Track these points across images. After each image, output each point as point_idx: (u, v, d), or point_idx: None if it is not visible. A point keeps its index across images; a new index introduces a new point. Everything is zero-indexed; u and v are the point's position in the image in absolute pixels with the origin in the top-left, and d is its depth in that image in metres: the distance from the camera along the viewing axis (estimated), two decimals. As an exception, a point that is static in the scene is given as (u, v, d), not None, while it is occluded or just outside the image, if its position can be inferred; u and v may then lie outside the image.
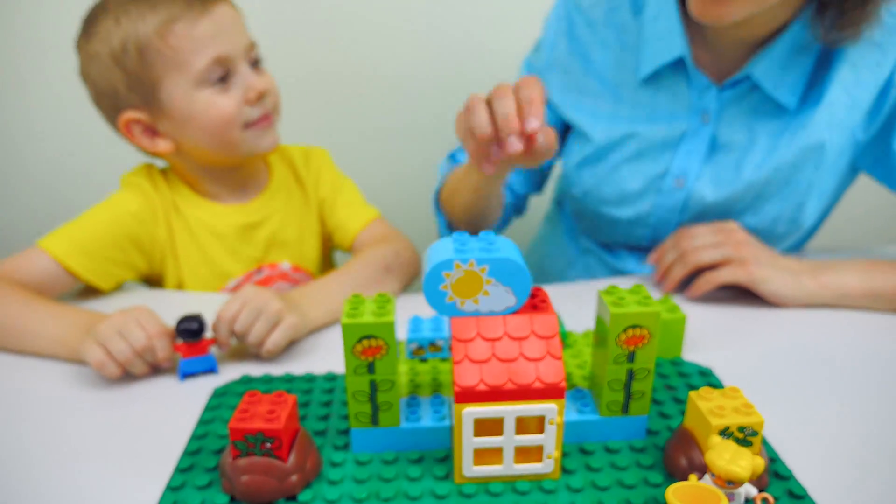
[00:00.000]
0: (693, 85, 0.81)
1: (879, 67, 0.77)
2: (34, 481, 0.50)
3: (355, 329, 0.47)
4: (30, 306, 0.67)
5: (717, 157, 0.83)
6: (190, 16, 0.73)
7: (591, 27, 0.86)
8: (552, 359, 0.46)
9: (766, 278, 0.74)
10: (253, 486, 0.46)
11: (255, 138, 0.81)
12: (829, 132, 0.79)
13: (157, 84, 0.76)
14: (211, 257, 0.86)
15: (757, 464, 0.42)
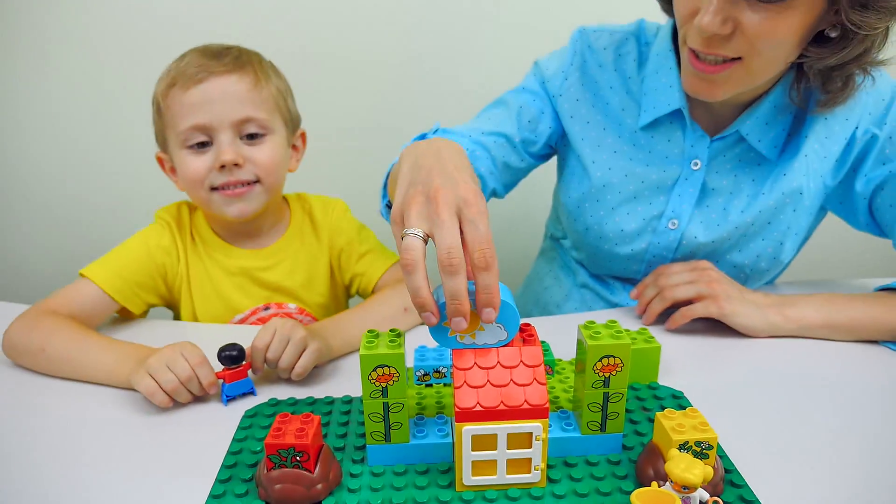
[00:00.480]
0: (687, 135, 0.89)
1: (847, 122, 0.85)
2: (92, 491, 0.58)
3: (372, 359, 0.56)
4: (85, 341, 0.76)
5: (708, 200, 0.91)
6: (185, 84, 0.84)
7: (601, 68, 0.93)
8: (538, 384, 0.54)
9: (736, 312, 0.82)
10: (285, 493, 0.55)
11: (222, 203, 0.88)
12: (805, 179, 0.87)
13: (166, 135, 0.89)
14: (222, 292, 0.95)
15: (707, 472, 0.50)
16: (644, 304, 0.88)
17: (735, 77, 0.77)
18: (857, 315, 0.82)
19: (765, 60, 0.76)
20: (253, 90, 0.87)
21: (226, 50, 0.88)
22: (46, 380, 0.76)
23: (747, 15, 0.71)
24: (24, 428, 0.67)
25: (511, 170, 0.95)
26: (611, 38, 0.93)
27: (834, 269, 1.45)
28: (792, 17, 0.71)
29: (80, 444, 0.65)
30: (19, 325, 0.79)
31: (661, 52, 0.89)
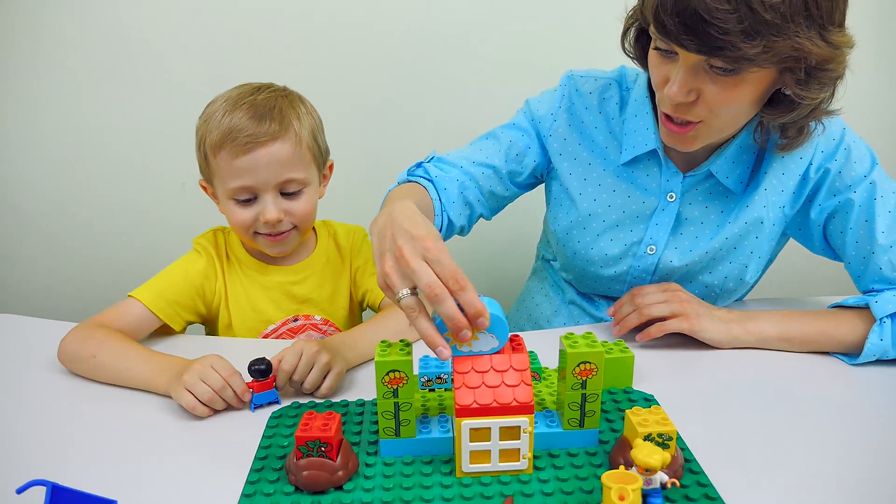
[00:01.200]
0: (663, 171, 0.99)
1: (801, 161, 0.96)
2: (144, 481, 0.68)
3: (385, 365, 0.66)
4: (130, 351, 0.87)
5: (682, 228, 1.01)
6: (234, 151, 0.93)
7: (587, 110, 1.03)
8: (525, 385, 0.65)
9: (704, 328, 0.93)
10: (312, 478, 0.64)
11: (265, 245, 1.02)
12: (765, 210, 0.97)
13: (213, 177, 0.99)
14: (256, 305, 1.06)
15: (665, 458, 0.60)
16: (619, 320, 0.97)
17: (702, 134, 0.88)
18: (809, 329, 0.92)
19: (723, 121, 0.86)
20: (293, 153, 0.96)
21: (268, 108, 0.95)
22: (97, 388, 0.86)
23: (708, 86, 0.81)
24: (83, 429, 0.78)
25: (497, 197, 1.06)
26: (595, 83, 1.04)
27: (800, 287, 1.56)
28: (745, 87, 0.80)
29: (129, 442, 0.75)
30: (74, 336, 0.89)
31: (638, 98, 1.00)
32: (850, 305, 0.94)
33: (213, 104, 0.99)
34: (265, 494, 0.65)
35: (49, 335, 0.97)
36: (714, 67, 0.79)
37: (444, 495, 0.64)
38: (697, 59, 0.79)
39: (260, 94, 0.98)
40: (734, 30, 0.73)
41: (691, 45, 0.76)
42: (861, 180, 0.94)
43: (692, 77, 0.81)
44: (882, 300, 0.90)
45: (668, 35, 0.78)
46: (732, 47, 0.74)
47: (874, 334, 0.89)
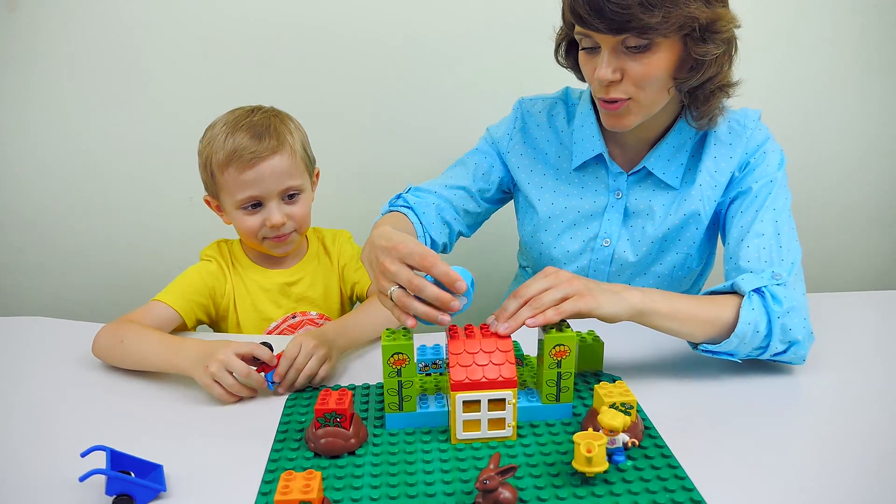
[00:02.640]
0: (609, 172, 1.14)
1: (731, 160, 1.08)
2: (184, 448, 0.79)
3: (391, 348, 0.78)
4: (152, 336, 0.98)
5: (631, 221, 1.14)
6: (240, 167, 1.07)
7: (538, 127, 1.19)
8: (509, 364, 0.77)
9: (600, 304, 0.85)
10: (328, 445, 0.76)
11: (271, 247, 1.15)
12: (701, 204, 1.10)
13: (219, 193, 1.12)
14: (258, 306, 1.18)
15: (626, 421, 0.72)
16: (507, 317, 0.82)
17: (633, 109, 1.01)
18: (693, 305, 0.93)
19: (648, 95, 0.99)
20: (291, 164, 1.11)
21: (265, 127, 1.09)
22: (129, 379, 0.97)
23: (628, 64, 0.96)
24: (124, 409, 0.89)
25: (471, 214, 1.19)
26: (543, 103, 1.20)
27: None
28: (659, 58, 0.95)
29: (166, 419, 0.86)
30: (106, 329, 1.01)
31: (584, 111, 1.15)
32: (719, 290, 0.98)
33: (212, 128, 1.12)
34: (289, 459, 0.76)
35: (79, 335, 1.08)
36: (629, 48, 0.94)
37: (441, 458, 0.76)
38: (614, 41, 0.94)
39: (255, 116, 1.12)
40: (633, 4, 0.89)
41: (603, 26, 0.92)
42: (764, 175, 1.05)
43: (614, 58, 0.96)
44: (745, 278, 0.95)
45: (584, 23, 0.94)
46: (636, 19, 0.90)
47: (745, 304, 0.92)
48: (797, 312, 0.94)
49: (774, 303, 0.93)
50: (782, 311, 0.92)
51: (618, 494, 0.69)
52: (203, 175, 1.14)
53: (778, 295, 0.93)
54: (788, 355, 0.94)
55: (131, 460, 0.72)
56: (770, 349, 0.93)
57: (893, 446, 0.79)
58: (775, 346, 0.93)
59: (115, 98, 1.62)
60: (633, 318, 0.90)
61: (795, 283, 0.97)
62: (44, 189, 1.69)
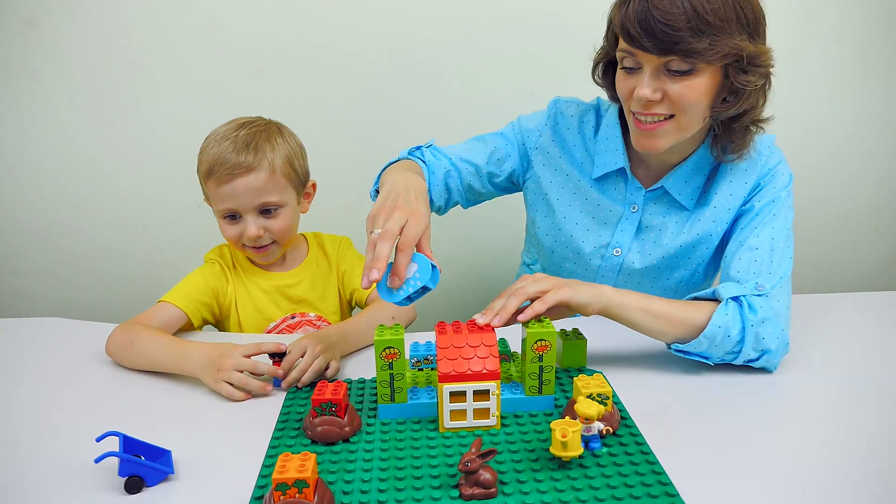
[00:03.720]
0: (629, 186, 1.17)
1: (746, 185, 1.11)
2: (190, 437, 0.85)
3: (383, 343, 0.83)
4: (161, 338, 1.04)
5: (643, 235, 1.18)
6: (218, 181, 1.13)
7: (569, 130, 1.22)
8: (493, 357, 0.82)
9: (577, 293, 0.95)
10: (324, 433, 0.81)
11: (252, 255, 1.22)
12: (713, 225, 1.13)
13: (209, 199, 1.19)
14: (258, 306, 1.24)
15: (601, 410, 0.77)
16: (495, 312, 0.91)
17: (670, 131, 1.04)
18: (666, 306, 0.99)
19: (689, 117, 1.02)
20: (267, 181, 1.14)
21: (246, 144, 1.13)
22: (141, 375, 1.03)
23: (669, 86, 0.99)
24: (135, 401, 0.95)
25: (474, 192, 1.24)
26: (577, 108, 1.22)
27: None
28: (700, 83, 0.99)
29: (174, 411, 0.92)
30: (117, 331, 1.07)
31: (610, 124, 1.18)
32: (702, 297, 1.03)
33: (208, 137, 1.18)
34: (288, 445, 0.82)
35: (92, 334, 1.15)
36: (671, 71, 0.97)
37: (429, 444, 0.81)
38: (658, 62, 0.97)
39: (242, 130, 1.16)
40: (683, 27, 0.93)
41: (651, 45, 0.95)
42: (769, 194, 1.09)
43: (656, 79, 0.99)
44: (727, 286, 1.01)
45: (633, 41, 0.97)
46: (684, 42, 0.94)
47: (720, 309, 0.97)
48: (772, 323, 0.98)
49: (750, 311, 0.98)
50: (756, 320, 0.97)
51: (592, 477, 0.74)
52: (199, 180, 1.20)
53: (755, 304, 0.98)
54: (761, 362, 0.99)
55: (142, 445, 0.78)
56: (742, 355, 0.98)
57: (868, 441, 0.83)
58: (748, 352, 0.98)
59: (126, 107, 1.70)
60: (605, 310, 0.97)
61: (779, 295, 1.01)
62: (58, 197, 1.77)
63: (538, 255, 1.30)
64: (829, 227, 1.92)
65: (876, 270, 1.98)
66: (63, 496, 0.74)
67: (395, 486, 0.73)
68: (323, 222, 1.40)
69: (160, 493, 0.74)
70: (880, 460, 0.79)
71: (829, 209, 1.89)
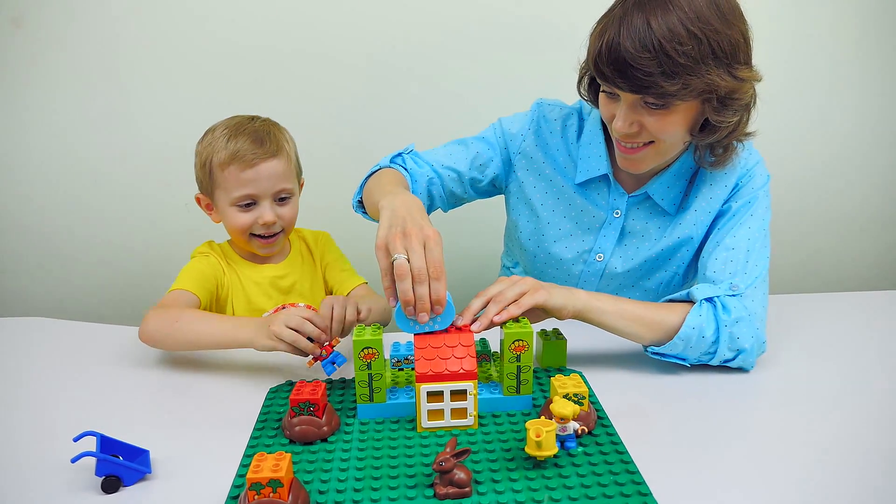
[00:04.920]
0: (611, 191, 1.17)
1: (725, 188, 1.11)
2: (170, 436, 0.85)
3: (361, 343, 0.84)
4: (207, 314, 1.07)
5: (625, 240, 1.18)
6: (241, 166, 1.15)
7: (551, 134, 1.19)
8: (470, 357, 0.83)
9: (552, 296, 0.95)
10: (302, 432, 0.82)
11: (256, 245, 1.22)
12: (694, 228, 1.13)
13: (214, 190, 1.19)
14: (251, 298, 1.25)
15: (576, 409, 0.78)
16: (473, 314, 0.91)
17: (650, 155, 1.05)
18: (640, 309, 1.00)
19: (667, 144, 1.03)
20: (286, 168, 1.19)
21: (266, 133, 1.18)
22: (118, 376, 1.04)
23: (646, 118, 0.99)
24: (114, 401, 0.96)
25: (455, 197, 1.24)
26: (560, 112, 1.22)
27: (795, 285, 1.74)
28: (676, 116, 0.98)
29: (154, 410, 0.93)
30: (155, 314, 1.06)
31: (593, 129, 1.17)
32: (678, 299, 1.04)
33: (213, 131, 1.20)
34: (266, 445, 0.82)
35: (76, 334, 1.15)
36: (648, 103, 0.97)
37: (406, 444, 0.82)
38: (633, 97, 0.97)
39: (254, 123, 1.21)
40: (656, 72, 0.92)
41: (624, 86, 0.95)
42: (745, 195, 1.09)
43: (632, 112, 0.99)
44: (701, 287, 1.01)
45: (606, 79, 0.97)
46: (656, 86, 0.93)
47: (694, 310, 0.98)
48: (747, 322, 0.99)
49: (724, 312, 0.98)
50: (730, 320, 0.97)
51: (566, 477, 0.74)
52: (199, 173, 1.21)
53: (728, 305, 0.99)
54: (737, 362, 1.00)
55: (120, 445, 0.78)
56: (718, 355, 0.99)
57: (846, 439, 0.84)
58: (723, 352, 0.98)
59: (114, 105, 1.70)
60: (579, 314, 0.97)
61: (753, 294, 1.02)
62: (44, 195, 1.77)
63: (520, 257, 1.31)
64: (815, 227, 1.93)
65: (861, 270, 2.00)
66: (39, 496, 0.74)
67: (370, 485, 0.74)
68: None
69: (137, 493, 0.75)
70: (857, 458, 0.80)
71: (815, 210, 1.90)
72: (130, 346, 1.12)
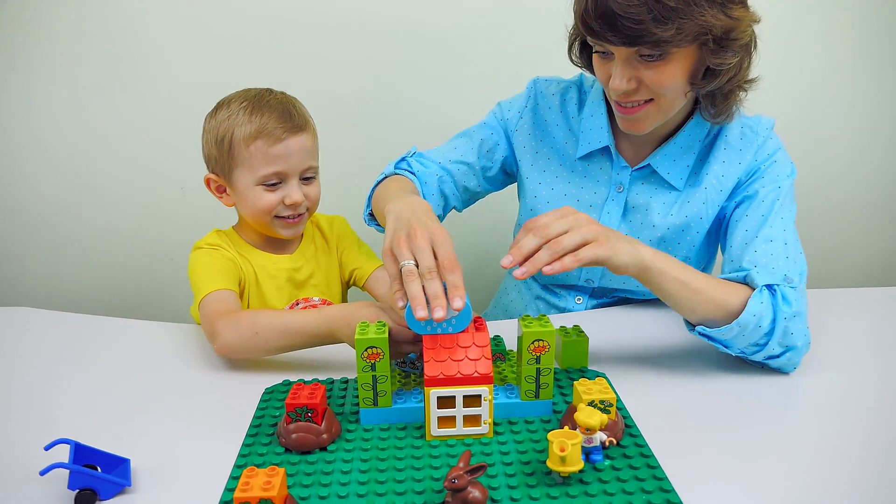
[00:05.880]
0: (614, 165, 1.12)
1: (739, 165, 1.06)
2: (154, 442, 0.77)
3: (364, 342, 0.76)
4: (283, 314, 0.96)
5: (630, 216, 1.12)
6: (271, 138, 1.05)
7: (550, 110, 1.17)
8: (485, 359, 0.75)
9: (616, 251, 0.84)
10: (299, 440, 0.74)
11: (280, 228, 1.12)
12: (704, 207, 1.08)
13: (233, 168, 1.08)
14: (264, 292, 1.14)
15: (603, 419, 0.70)
16: (524, 255, 0.81)
17: (652, 113, 1.00)
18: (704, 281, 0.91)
19: (668, 98, 0.98)
20: (313, 145, 1.11)
21: (292, 105, 1.09)
22: (104, 370, 0.96)
23: (643, 72, 0.95)
24: (97, 401, 0.88)
25: (469, 192, 1.19)
26: (558, 86, 1.18)
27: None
28: (674, 65, 0.94)
29: (139, 412, 0.85)
30: (228, 325, 0.94)
31: (595, 100, 1.13)
32: (731, 279, 0.95)
33: (228, 105, 1.09)
34: (259, 454, 0.74)
35: (62, 326, 1.07)
36: (643, 56, 0.92)
37: (414, 455, 0.74)
38: (628, 51, 0.92)
39: (275, 95, 1.11)
40: (647, 19, 0.87)
41: (616, 39, 0.90)
42: (773, 181, 1.04)
43: (628, 68, 0.94)
44: (761, 272, 0.92)
45: (597, 35, 0.92)
46: (649, 34, 0.88)
47: (755, 296, 0.89)
48: (801, 319, 0.92)
49: (784, 303, 0.91)
50: (790, 312, 0.90)
51: (593, 495, 0.67)
52: (213, 151, 1.09)
53: (789, 297, 0.91)
54: (782, 360, 0.92)
55: (98, 454, 0.71)
56: (767, 349, 0.90)
57: (889, 448, 0.76)
58: (773, 346, 0.90)
59: (105, 88, 1.60)
60: (641, 274, 0.88)
61: (804, 291, 0.95)
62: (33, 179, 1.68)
63: None
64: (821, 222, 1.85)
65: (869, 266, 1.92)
66: (5, 512, 0.67)
67: (374, 502, 0.66)
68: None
69: (114, 509, 0.67)
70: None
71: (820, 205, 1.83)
72: (115, 338, 1.05)
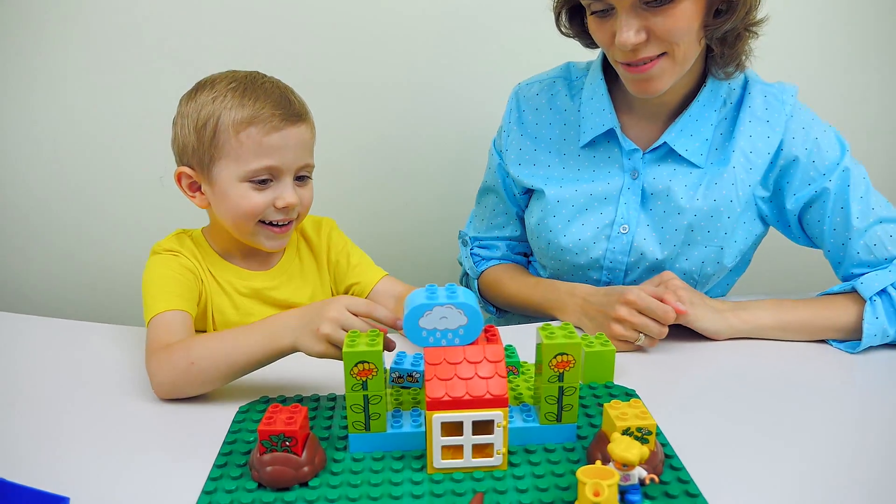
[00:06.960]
0: (623, 150, 1.02)
1: (769, 139, 0.97)
2: (102, 475, 0.65)
3: (353, 356, 0.63)
4: (222, 336, 0.79)
5: (650, 205, 1.02)
6: (266, 126, 0.88)
7: (537, 111, 1.08)
8: (499, 377, 0.62)
9: (699, 317, 0.91)
10: (275, 474, 0.61)
11: (265, 237, 0.94)
12: (734, 188, 0.98)
13: (216, 160, 0.90)
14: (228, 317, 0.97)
15: (644, 452, 0.57)
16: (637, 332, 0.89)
17: (667, 68, 0.91)
18: (805, 314, 0.93)
19: (683, 48, 0.89)
20: (311, 139, 0.95)
21: (287, 90, 0.93)
22: (59, 387, 0.83)
23: (652, 21, 0.86)
24: (41, 426, 0.75)
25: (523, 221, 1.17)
26: (540, 85, 1.10)
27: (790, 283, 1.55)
28: (684, 8, 0.86)
29: (86, 437, 0.72)
30: (159, 364, 0.80)
31: (594, 81, 1.04)
32: (837, 292, 0.95)
33: (211, 86, 0.91)
34: (227, 491, 0.62)
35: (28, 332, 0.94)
36: (648, 4, 0.86)
37: (413, 492, 0.61)
38: (630, 1, 0.86)
39: (268, 79, 0.94)
40: None
41: None
42: (834, 168, 0.96)
43: (635, 18, 0.87)
44: (867, 280, 0.92)
45: None
46: None
47: (868, 313, 0.90)
48: None
49: None
50: None
51: (632, 547, 0.54)
52: (190, 140, 0.91)
53: None
54: None
55: (28, 493, 0.58)
56: None
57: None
58: None
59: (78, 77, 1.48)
60: (736, 336, 0.93)
61: None
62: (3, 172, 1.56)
63: (534, 248, 1.14)
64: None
65: None
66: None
67: (364, 556, 0.54)
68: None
69: (45, 562, 0.55)
70: None
71: None
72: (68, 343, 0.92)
